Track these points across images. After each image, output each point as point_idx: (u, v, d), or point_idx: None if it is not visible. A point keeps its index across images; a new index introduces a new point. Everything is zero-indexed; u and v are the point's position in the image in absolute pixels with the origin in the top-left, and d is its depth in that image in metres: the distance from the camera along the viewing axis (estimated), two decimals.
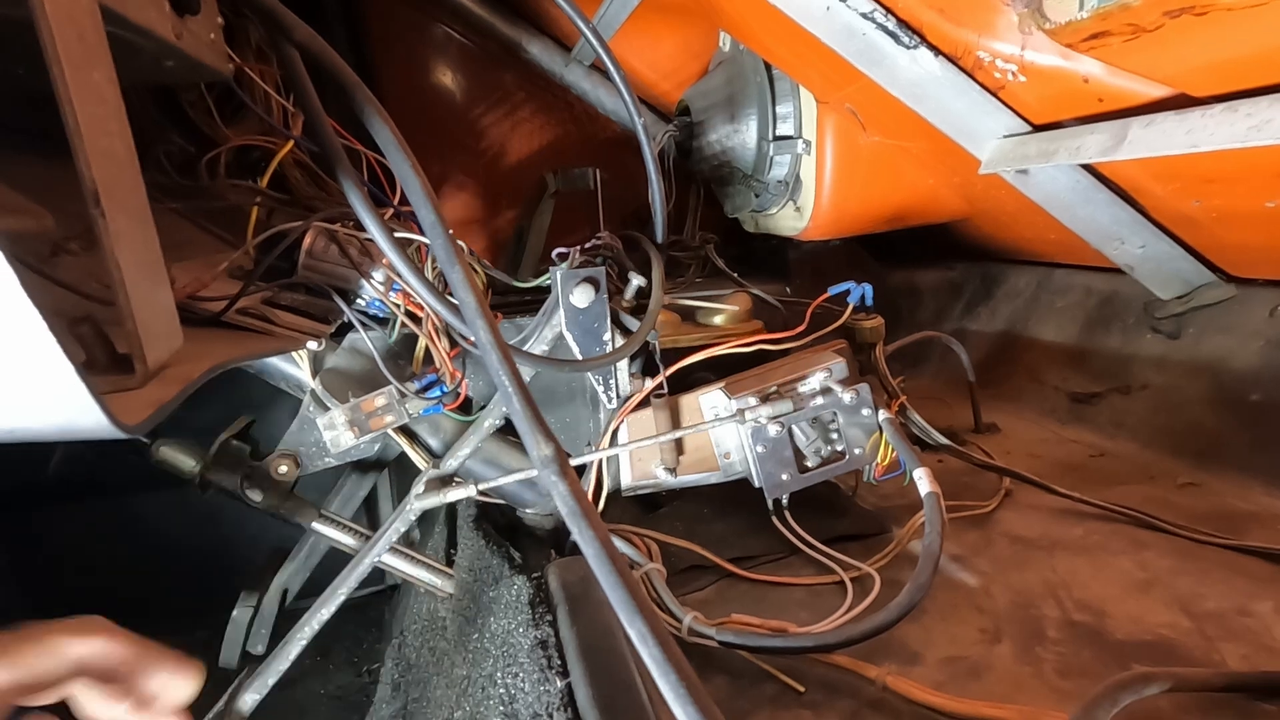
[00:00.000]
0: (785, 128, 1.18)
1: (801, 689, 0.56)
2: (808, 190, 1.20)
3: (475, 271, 0.86)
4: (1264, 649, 0.56)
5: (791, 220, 1.26)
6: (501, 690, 0.64)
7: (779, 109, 1.18)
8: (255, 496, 0.78)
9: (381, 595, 1.67)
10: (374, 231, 0.44)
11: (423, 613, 0.98)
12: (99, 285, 0.36)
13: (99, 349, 0.29)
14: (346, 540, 0.82)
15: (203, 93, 0.76)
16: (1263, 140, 0.58)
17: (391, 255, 0.47)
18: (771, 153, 1.20)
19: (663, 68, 1.48)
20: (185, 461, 0.76)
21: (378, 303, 0.76)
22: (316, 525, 0.81)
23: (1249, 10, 0.56)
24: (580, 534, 0.33)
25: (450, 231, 0.38)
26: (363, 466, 0.96)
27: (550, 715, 0.54)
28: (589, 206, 1.46)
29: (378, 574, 1.83)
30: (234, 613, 0.92)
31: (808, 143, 1.16)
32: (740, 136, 1.22)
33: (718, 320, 0.99)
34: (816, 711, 0.54)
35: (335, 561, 0.86)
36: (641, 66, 1.47)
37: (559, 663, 0.58)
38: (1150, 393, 1.02)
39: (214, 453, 0.75)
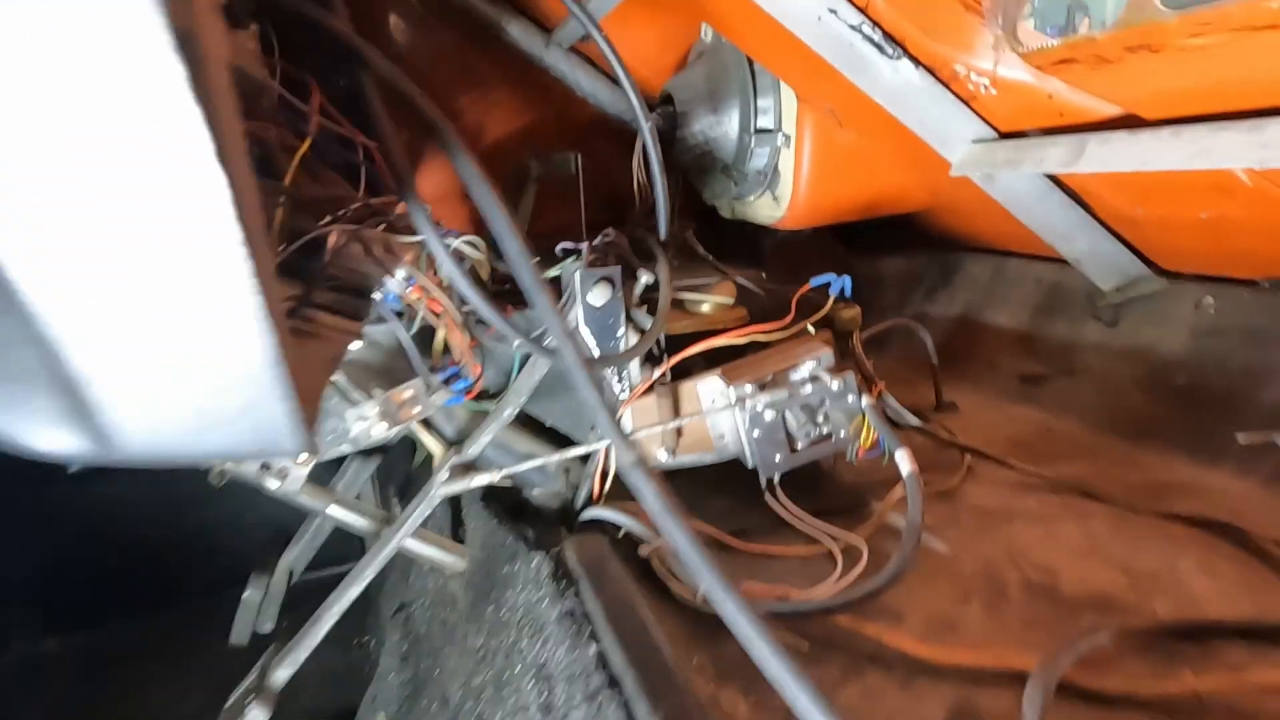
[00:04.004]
0: (766, 121, 1.23)
1: (806, 645, 0.63)
2: (785, 182, 1.26)
3: (483, 264, 0.89)
4: (1185, 599, 0.66)
5: (769, 209, 1.32)
6: (530, 657, 0.69)
7: (760, 103, 1.23)
8: (273, 484, 0.80)
9: None
10: (436, 250, 0.48)
11: (429, 588, 1.02)
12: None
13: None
14: (360, 522, 0.86)
15: None
16: (1202, 165, 0.67)
17: (450, 270, 0.51)
18: (752, 144, 1.25)
19: (642, 55, 1.50)
20: None
21: (392, 297, 0.78)
22: (331, 510, 0.84)
23: (1197, 50, 0.64)
24: (671, 533, 0.38)
25: (535, 260, 0.42)
26: (366, 452, 1.00)
27: (588, 676, 0.60)
28: (564, 190, 1.49)
29: (355, 552, 1.86)
30: (245, 594, 0.95)
31: (787, 136, 1.22)
32: (722, 128, 1.26)
33: (704, 308, 1.04)
34: (820, 665, 0.61)
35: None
36: (623, 53, 1.48)
37: (589, 629, 0.64)
38: (1091, 376, 1.13)
39: None
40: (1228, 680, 0.54)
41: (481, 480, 0.74)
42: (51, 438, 0.24)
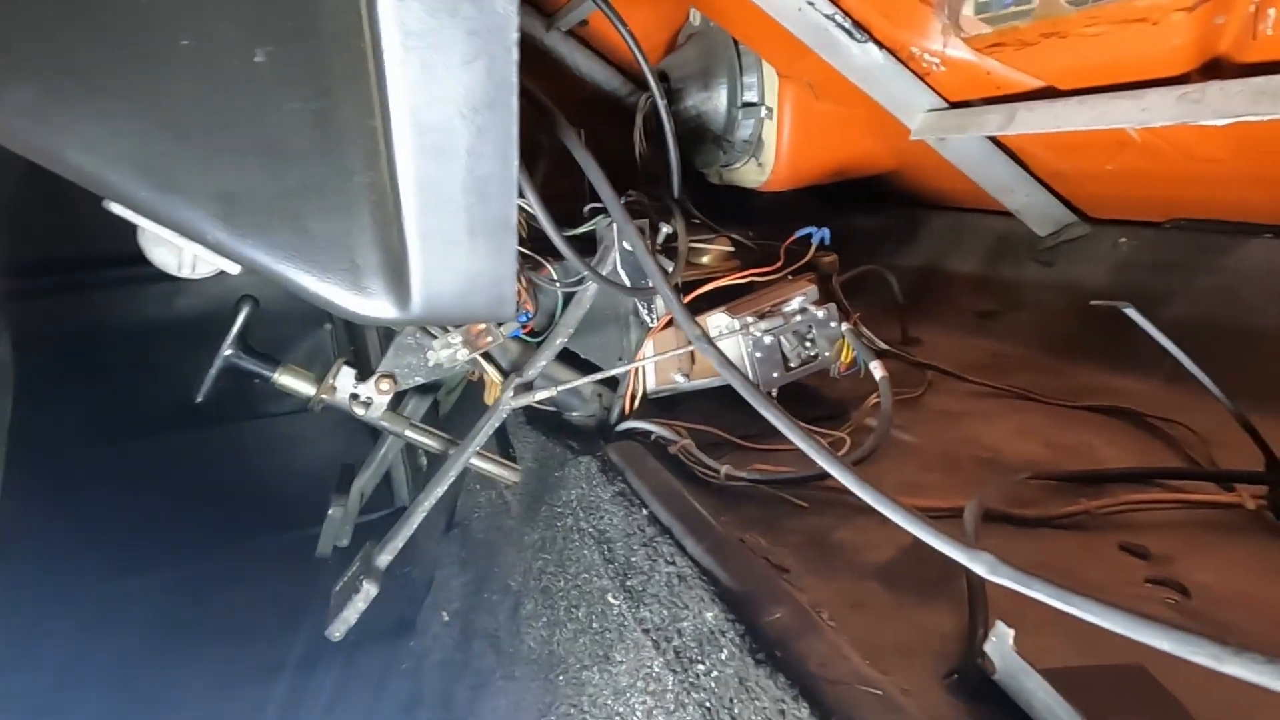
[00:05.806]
0: (751, 95, 1.40)
1: (806, 505, 0.82)
2: (769, 149, 1.43)
3: (521, 223, 1.05)
4: (1093, 461, 0.87)
5: (754, 174, 1.50)
6: (589, 529, 0.87)
7: (745, 79, 1.39)
8: (360, 411, 0.97)
9: (392, 517, 1.88)
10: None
11: (482, 503, 1.20)
12: None
13: None
14: (431, 443, 1.03)
15: None
16: (1101, 125, 0.86)
17: (547, 223, 0.69)
18: (739, 117, 1.42)
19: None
20: (304, 387, 0.94)
21: None
22: (408, 433, 1.01)
23: (1092, 36, 0.82)
24: (726, 371, 0.55)
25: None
26: (421, 390, 1.16)
27: (643, 530, 0.78)
28: (564, 161, 1.64)
29: (385, 498, 2.04)
30: (329, 512, 1.11)
31: (770, 109, 1.39)
32: (712, 103, 1.43)
33: (705, 260, 1.22)
34: (819, 517, 0.81)
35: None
36: (615, 36, 1.63)
37: (638, 500, 0.83)
38: (1032, 309, 1.33)
39: (330, 377, 0.93)
40: (1111, 502, 0.74)
41: (540, 395, 0.91)
42: (371, 303, 0.40)
